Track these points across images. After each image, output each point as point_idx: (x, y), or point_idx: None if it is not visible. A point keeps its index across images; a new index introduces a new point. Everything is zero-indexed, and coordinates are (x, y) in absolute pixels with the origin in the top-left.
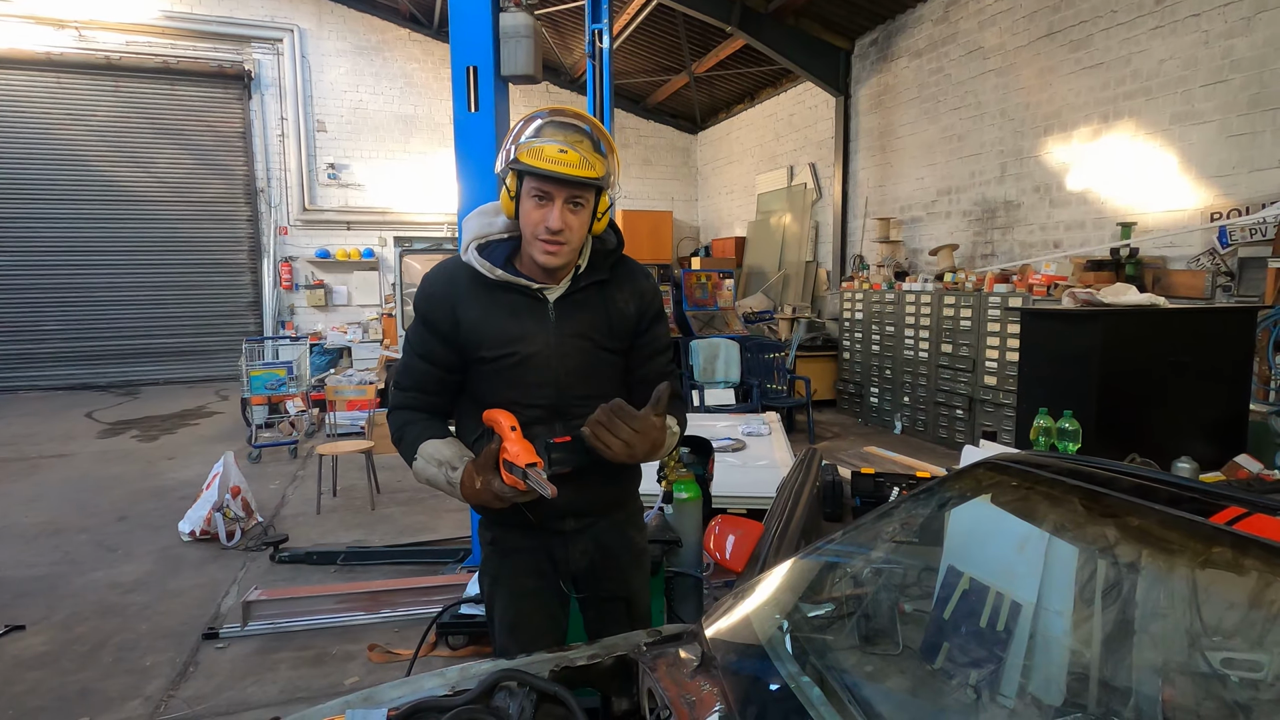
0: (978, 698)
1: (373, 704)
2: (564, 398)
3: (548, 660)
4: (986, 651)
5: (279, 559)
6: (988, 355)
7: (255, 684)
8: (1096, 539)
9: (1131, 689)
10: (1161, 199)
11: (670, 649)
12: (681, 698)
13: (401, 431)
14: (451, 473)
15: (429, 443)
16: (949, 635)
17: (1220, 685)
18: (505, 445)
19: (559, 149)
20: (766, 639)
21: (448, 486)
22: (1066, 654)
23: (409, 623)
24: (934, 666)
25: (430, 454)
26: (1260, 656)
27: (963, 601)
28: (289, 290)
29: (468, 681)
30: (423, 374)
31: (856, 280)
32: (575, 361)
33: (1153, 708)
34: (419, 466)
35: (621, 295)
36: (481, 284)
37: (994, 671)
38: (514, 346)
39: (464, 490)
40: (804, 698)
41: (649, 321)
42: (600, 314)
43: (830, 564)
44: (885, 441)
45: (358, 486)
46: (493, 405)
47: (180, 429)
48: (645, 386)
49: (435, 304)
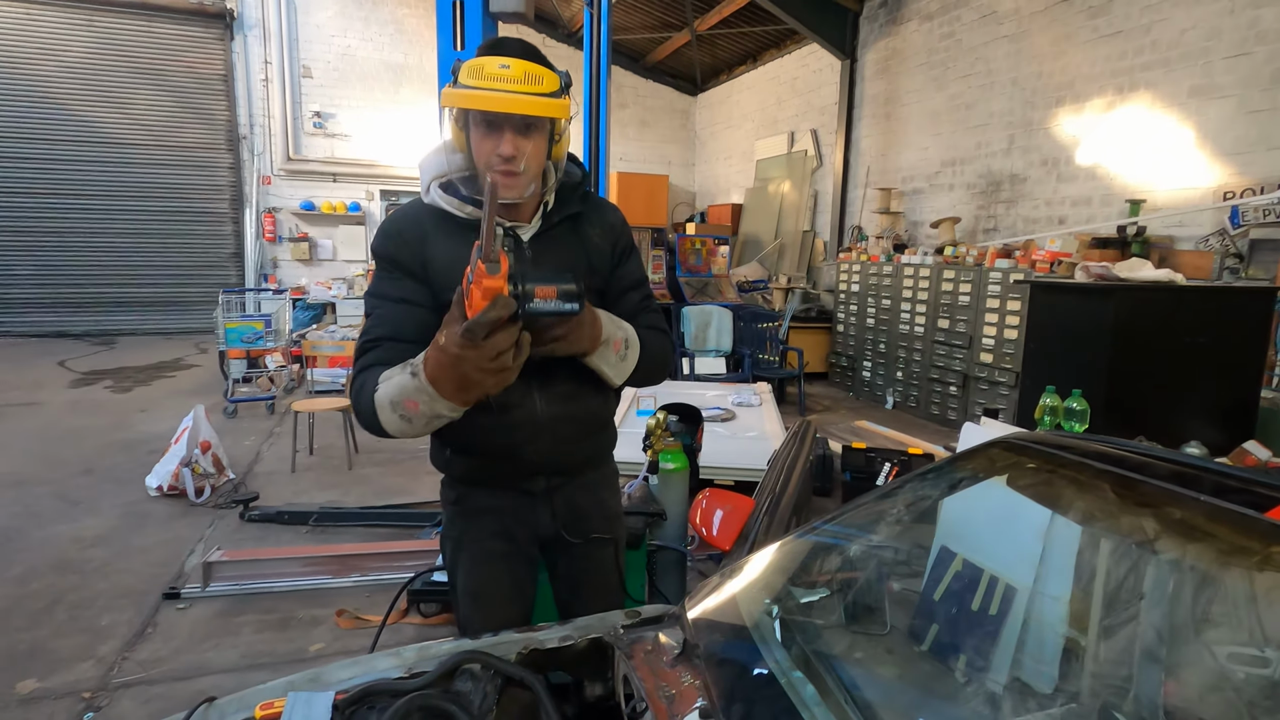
0: (997, 701)
1: (319, 686)
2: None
3: (515, 641)
4: (1010, 653)
5: (248, 518)
6: (985, 332)
7: (215, 648)
8: (1133, 531)
9: (1193, 701)
10: (1173, 176)
11: (649, 633)
12: (659, 690)
13: (360, 394)
14: (415, 363)
15: (383, 369)
16: (964, 632)
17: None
18: (469, 272)
19: (499, 64)
20: (755, 626)
21: (411, 382)
22: (1114, 662)
23: (380, 588)
24: (944, 666)
25: (388, 374)
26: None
27: (976, 594)
28: (272, 242)
29: (426, 663)
30: (400, 318)
31: (854, 251)
32: None
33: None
34: (380, 395)
35: (595, 231)
36: (450, 223)
37: (1019, 675)
38: None
39: (431, 368)
40: (795, 696)
41: (620, 255)
42: (579, 251)
43: (827, 546)
44: (876, 416)
45: (335, 446)
46: None
47: (155, 381)
48: (629, 322)
49: (402, 244)
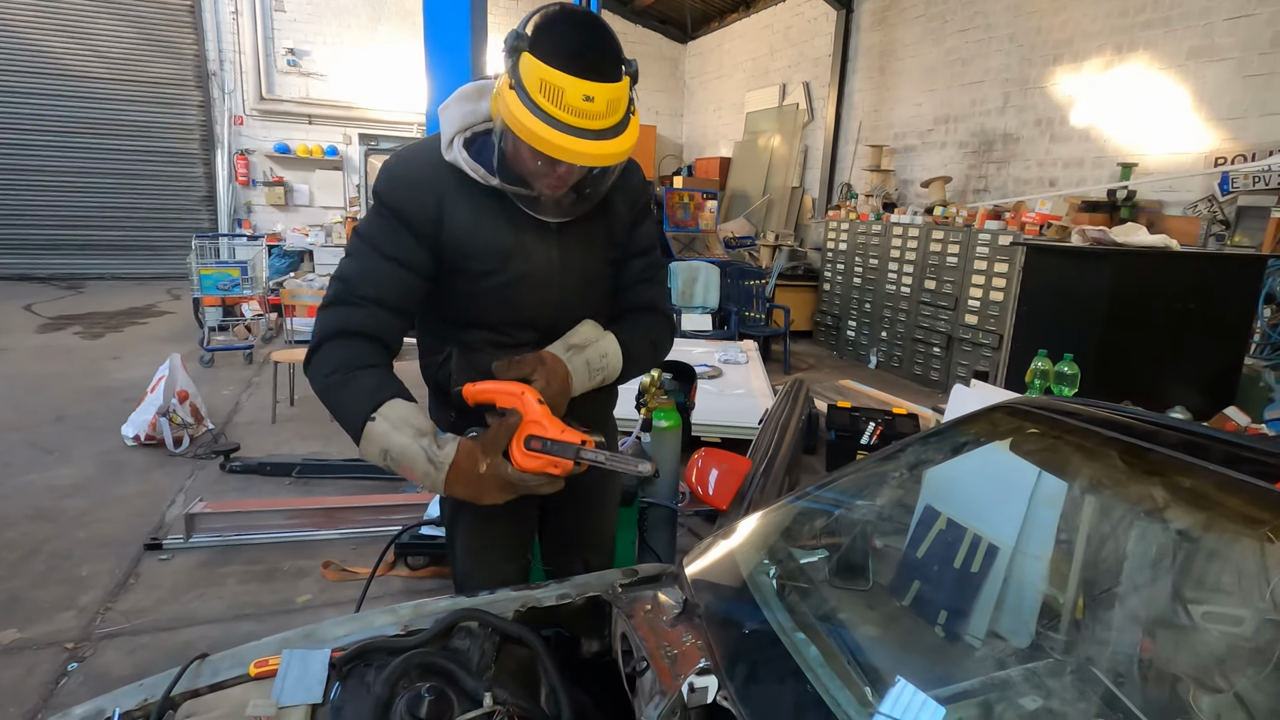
0: (1007, 668)
1: (315, 643)
2: (561, 321)
3: (512, 599)
4: (1014, 619)
5: (229, 468)
6: (971, 294)
7: (200, 598)
8: (1141, 499)
9: (1206, 681)
10: (1166, 140)
11: (648, 592)
12: (661, 649)
13: (346, 374)
14: (437, 449)
15: (399, 402)
16: (968, 598)
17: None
18: (531, 419)
19: (583, 93)
20: (756, 587)
21: (426, 467)
22: (1126, 634)
23: (367, 541)
24: (946, 628)
25: (403, 416)
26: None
27: (982, 561)
28: (245, 186)
29: (422, 620)
30: (389, 281)
31: (843, 209)
32: (577, 280)
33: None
34: (380, 430)
35: (619, 197)
36: (469, 185)
37: (1031, 643)
38: (509, 262)
39: (455, 475)
40: (799, 658)
41: (635, 218)
42: (600, 223)
43: (826, 508)
44: (859, 376)
45: (316, 397)
46: (467, 329)
47: (127, 327)
48: (619, 295)
49: (416, 193)
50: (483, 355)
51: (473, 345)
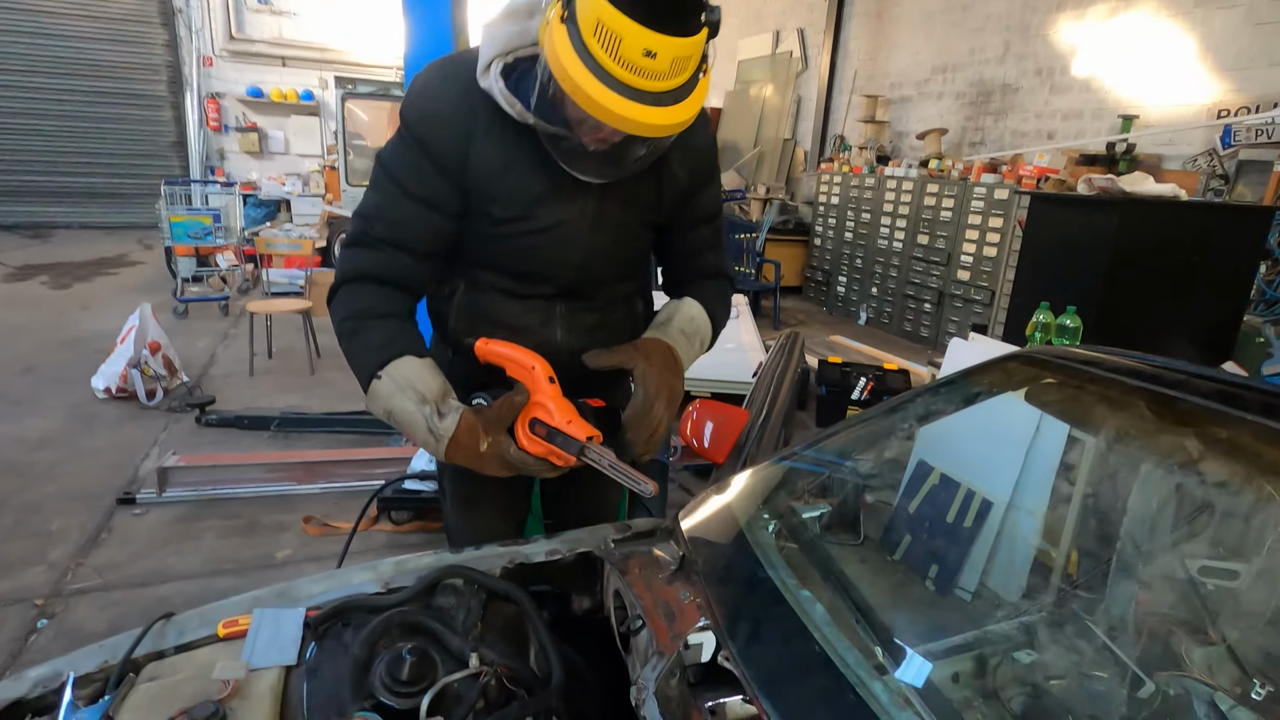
0: (1025, 624)
1: (289, 601)
2: (583, 282)
3: (500, 555)
4: (1041, 579)
5: (205, 422)
6: (964, 249)
7: (175, 553)
8: (1174, 451)
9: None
10: (1168, 92)
11: (642, 547)
12: (658, 608)
13: (358, 322)
14: (438, 420)
15: (406, 360)
16: (968, 553)
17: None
18: (539, 400)
19: (644, 47)
20: (756, 542)
21: (426, 436)
22: (1160, 590)
23: (349, 495)
24: (956, 586)
25: (408, 378)
26: None
27: (991, 518)
28: (217, 131)
29: (404, 578)
30: (412, 222)
31: (836, 162)
32: (609, 239)
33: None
34: (384, 391)
35: (676, 155)
36: (502, 119)
37: (1058, 603)
38: (537, 211)
39: (454, 448)
40: (805, 616)
41: (698, 183)
42: (649, 183)
43: (830, 460)
44: (849, 332)
45: (295, 349)
46: (478, 268)
47: (97, 277)
48: (683, 262)
49: (443, 131)
50: (487, 300)
51: (479, 286)
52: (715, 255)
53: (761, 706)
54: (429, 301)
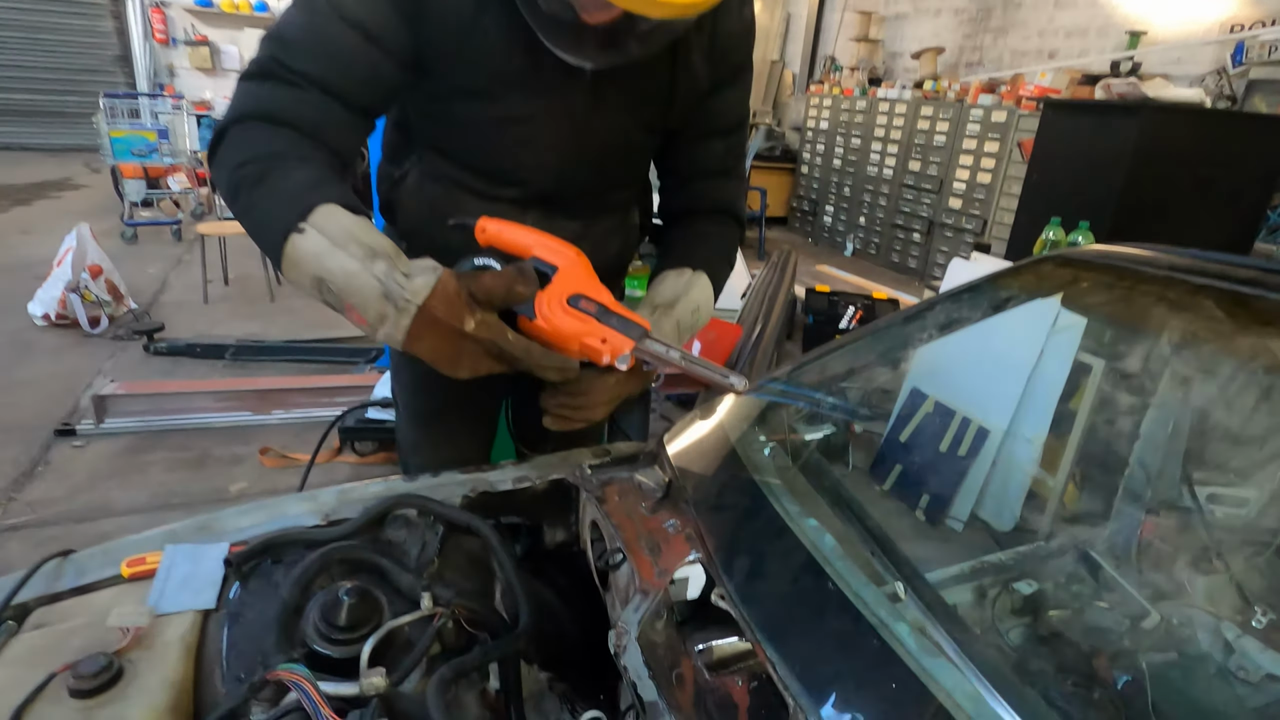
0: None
1: (211, 535)
2: (562, 190)
3: (461, 483)
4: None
5: (154, 350)
6: (958, 175)
7: (119, 487)
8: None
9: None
10: (1178, 6)
11: (623, 473)
12: (641, 540)
13: (265, 165)
14: (400, 282)
15: (335, 209)
16: (976, 483)
17: None
18: (577, 278)
19: None
20: (755, 467)
21: (381, 306)
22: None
23: (310, 425)
24: (960, 515)
25: (347, 229)
26: None
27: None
28: (165, 45)
29: (348, 508)
30: (348, 56)
31: (826, 84)
32: (598, 144)
33: None
34: (309, 251)
35: (698, 41)
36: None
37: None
38: (510, 94)
39: (424, 324)
40: (813, 548)
41: (720, 80)
42: (660, 76)
43: (836, 375)
44: (835, 263)
45: (254, 276)
46: (434, 153)
47: (37, 201)
48: (686, 187)
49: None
50: (445, 194)
51: (436, 176)
52: (728, 185)
53: (763, 650)
54: (378, 185)
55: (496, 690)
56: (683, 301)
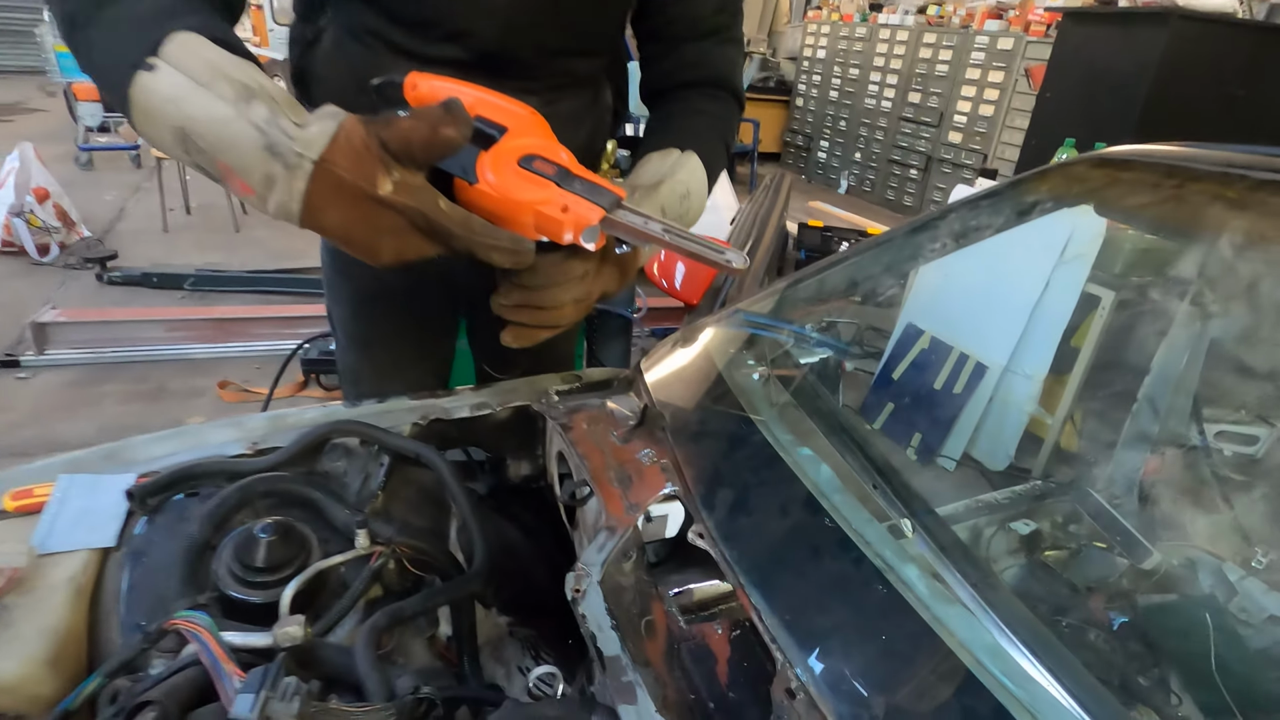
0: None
1: (119, 465)
2: (514, 46)
3: (410, 410)
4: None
5: (108, 279)
6: (959, 108)
7: (68, 420)
8: None
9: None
10: None
11: (594, 400)
12: (609, 471)
13: (96, 18)
14: (288, 130)
15: (195, 38)
16: (972, 419)
17: None
18: (532, 136)
19: None
20: (741, 391)
21: (265, 162)
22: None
23: (272, 358)
24: (962, 453)
25: (211, 65)
26: None
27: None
28: None
29: (279, 436)
30: None
31: (824, 9)
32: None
33: None
34: (163, 93)
35: None
36: None
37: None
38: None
39: (325, 186)
40: (807, 479)
41: None
42: None
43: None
44: (829, 200)
45: (217, 205)
46: (356, 4)
47: None
48: (670, 51)
49: None
50: (368, 57)
51: (356, 34)
52: (721, 50)
53: (747, 596)
54: (290, 51)
55: (449, 637)
56: (668, 183)
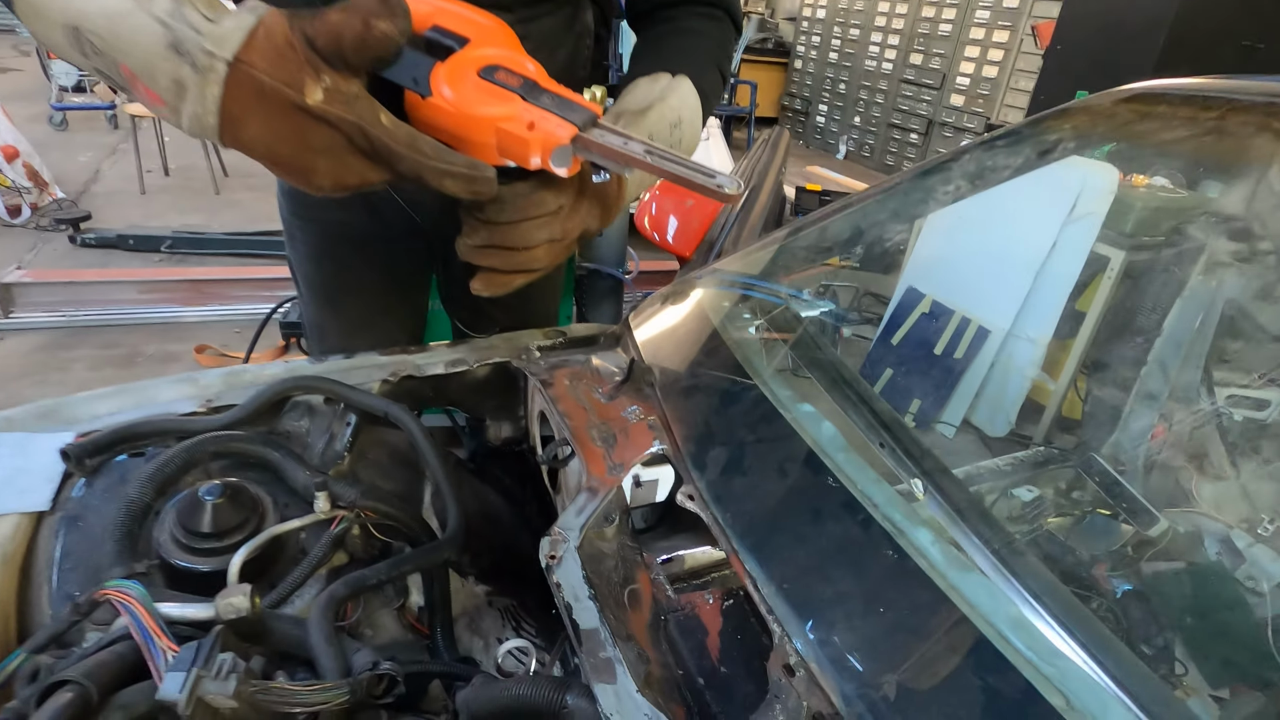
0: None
1: (57, 423)
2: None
3: (380, 366)
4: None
5: (82, 241)
6: (962, 69)
7: (35, 386)
8: None
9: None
10: None
11: (578, 357)
12: (593, 429)
13: None
14: (197, 24)
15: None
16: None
17: None
18: (499, 48)
19: None
20: (736, 344)
21: (170, 62)
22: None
23: (250, 322)
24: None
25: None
26: None
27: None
28: None
29: (236, 393)
30: None
31: None
32: None
33: None
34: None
35: None
36: None
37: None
38: None
39: (243, 93)
40: (808, 437)
41: None
42: None
43: (837, 241)
44: (827, 165)
45: (197, 166)
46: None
47: None
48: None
49: None
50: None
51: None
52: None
53: (741, 564)
54: None
55: (421, 607)
56: (657, 109)
